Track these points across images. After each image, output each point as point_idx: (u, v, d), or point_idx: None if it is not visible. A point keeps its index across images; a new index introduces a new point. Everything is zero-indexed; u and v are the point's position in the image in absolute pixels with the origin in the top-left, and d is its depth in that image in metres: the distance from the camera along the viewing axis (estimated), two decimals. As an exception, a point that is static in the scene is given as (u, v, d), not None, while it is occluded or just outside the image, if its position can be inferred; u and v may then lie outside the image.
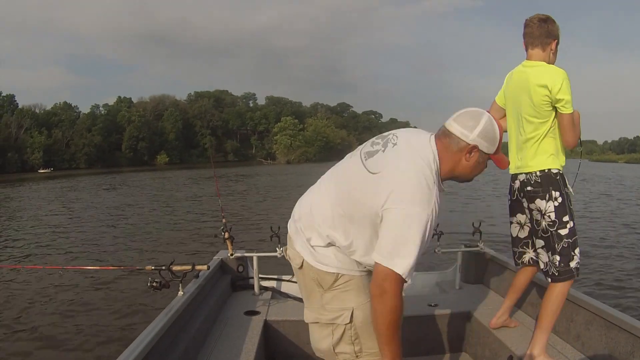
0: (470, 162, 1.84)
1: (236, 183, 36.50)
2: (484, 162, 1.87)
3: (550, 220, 2.62)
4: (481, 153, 1.82)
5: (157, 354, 2.18)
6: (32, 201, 26.13)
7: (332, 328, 1.95)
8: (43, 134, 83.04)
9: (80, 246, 12.31)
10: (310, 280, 1.95)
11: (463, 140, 1.79)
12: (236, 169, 62.28)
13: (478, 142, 1.79)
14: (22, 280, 8.84)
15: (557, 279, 2.61)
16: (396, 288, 1.72)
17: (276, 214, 15.44)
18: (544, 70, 2.60)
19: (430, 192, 1.73)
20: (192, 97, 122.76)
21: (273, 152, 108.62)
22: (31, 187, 38.66)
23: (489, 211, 16.17)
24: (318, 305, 1.97)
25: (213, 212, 17.10)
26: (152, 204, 22.33)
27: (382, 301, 1.72)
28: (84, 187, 35.63)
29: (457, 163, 1.84)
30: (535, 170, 2.66)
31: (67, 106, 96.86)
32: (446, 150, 1.82)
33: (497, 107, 2.98)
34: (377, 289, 1.73)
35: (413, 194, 1.71)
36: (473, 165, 1.86)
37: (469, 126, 1.79)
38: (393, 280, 1.70)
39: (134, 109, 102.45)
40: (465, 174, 1.89)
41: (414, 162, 1.77)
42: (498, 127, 1.83)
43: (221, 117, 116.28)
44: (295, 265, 1.99)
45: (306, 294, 2.02)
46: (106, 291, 7.86)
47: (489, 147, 1.82)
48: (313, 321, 2.01)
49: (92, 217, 17.76)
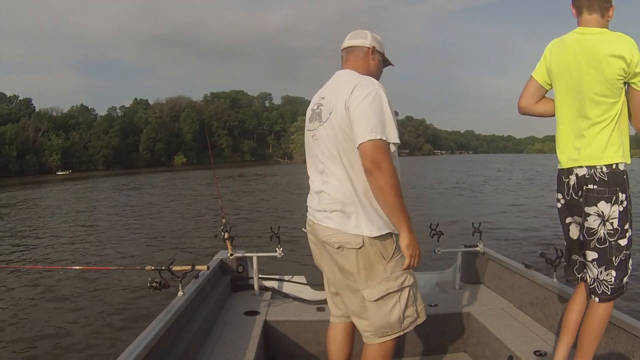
0: (375, 62, 2.30)
1: (255, 182, 36.72)
2: (382, 60, 2.35)
3: (611, 229, 2.16)
4: (378, 53, 2.31)
5: (157, 354, 2.19)
6: (48, 202, 26.11)
7: (399, 294, 2.15)
8: (61, 137, 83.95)
9: (80, 247, 12.39)
10: (374, 255, 2.09)
11: (364, 46, 2.27)
12: (255, 169, 63.25)
13: (374, 43, 2.29)
14: (22, 280, 8.89)
15: (608, 297, 2.19)
16: (388, 154, 1.97)
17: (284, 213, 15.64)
18: (616, 38, 2.12)
19: (369, 78, 2.13)
20: (208, 97, 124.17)
21: (290, 151, 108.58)
22: (51, 188, 38.78)
23: (489, 211, 15.99)
24: (382, 278, 2.12)
25: (226, 211, 16.70)
26: (164, 205, 22.28)
27: (382, 171, 1.94)
28: (101, 189, 35.89)
29: (368, 65, 2.27)
30: (602, 164, 2.16)
31: (84, 109, 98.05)
32: (356, 61, 2.28)
33: (535, 86, 2.44)
34: (371, 163, 1.94)
35: (358, 84, 2.05)
36: (378, 63, 2.32)
37: (362, 36, 2.29)
38: (383, 148, 1.96)
39: (151, 110, 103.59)
40: (375, 72, 2.30)
41: (348, 79, 2.13)
42: (536, 110, 2.32)
43: (237, 117, 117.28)
44: (356, 245, 2.08)
45: (365, 274, 2.11)
46: (106, 291, 7.85)
47: (380, 47, 2.32)
48: (382, 294, 2.12)
49: (100, 219, 17.75)
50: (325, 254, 2.26)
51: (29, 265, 10.32)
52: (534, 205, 17.14)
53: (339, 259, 2.15)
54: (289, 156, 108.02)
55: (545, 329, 2.98)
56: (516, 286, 3.44)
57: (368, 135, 1.95)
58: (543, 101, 2.43)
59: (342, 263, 2.15)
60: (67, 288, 8.11)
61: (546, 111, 2.43)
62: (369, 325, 2.19)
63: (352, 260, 2.10)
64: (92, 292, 7.81)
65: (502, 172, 45.83)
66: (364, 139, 1.95)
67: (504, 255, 3.85)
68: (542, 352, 2.66)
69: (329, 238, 2.14)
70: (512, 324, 3.08)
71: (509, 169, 53.43)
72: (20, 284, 8.58)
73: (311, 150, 2.31)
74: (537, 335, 2.90)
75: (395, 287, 2.13)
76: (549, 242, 9.75)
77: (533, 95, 2.42)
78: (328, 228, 2.15)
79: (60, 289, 8.07)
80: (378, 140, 1.95)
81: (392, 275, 2.12)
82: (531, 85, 2.44)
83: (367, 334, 2.22)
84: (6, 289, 8.24)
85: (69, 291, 7.94)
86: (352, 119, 2.01)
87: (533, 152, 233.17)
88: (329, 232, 2.15)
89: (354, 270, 2.11)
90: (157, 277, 2.74)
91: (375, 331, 2.18)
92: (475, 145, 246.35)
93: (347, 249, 2.09)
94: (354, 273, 2.12)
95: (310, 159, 2.33)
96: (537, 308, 3.10)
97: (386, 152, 1.96)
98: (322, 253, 2.29)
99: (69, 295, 7.73)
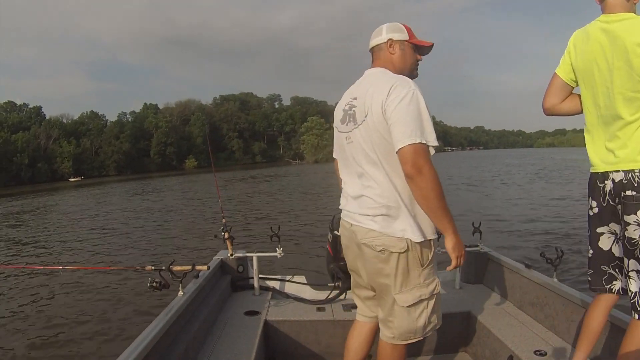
0: (397, 53, 2.19)
1: (266, 184, 36.73)
2: (409, 47, 2.21)
3: None
4: (399, 42, 2.19)
5: (157, 354, 2.20)
6: (62, 207, 26.23)
7: (428, 301, 2.15)
8: (72, 144, 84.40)
9: (80, 246, 12.62)
10: (412, 261, 2.08)
11: (381, 42, 2.20)
12: (266, 170, 63.46)
13: (390, 35, 2.19)
14: (23, 280, 9.00)
15: None
16: (429, 158, 1.93)
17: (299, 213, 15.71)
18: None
19: (403, 77, 2.06)
20: (217, 100, 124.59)
21: (300, 151, 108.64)
22: (63, 195, 39.07)
23: (490, 210, 15.68)
24: (416, 285, 2.12)
25: (238, 212, 16.84)
26: (172, 206, 22.38)
27: (424, 176, 1.89)
28: (113, 194, 36.00)
29: (391, 60, 2.19)
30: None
31: (94, 115, 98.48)
32: (380, 60, 2.21)
33: (560, 84, 2.23)
34: (413, 168, 1.88)
35: (394, 85, 1.98)
36: (402, 54, 2.20)
37: (378, 33, 2.23)
38: (423, 152, 1.91)
39: (161, 115, 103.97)
40: (403, 67, 2.19)
41: (381, 79, 2.09)
42: (562, 109, 2.19)
43: (247, 120, 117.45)
44: (400, 249, 2.05)
45: (402, 279, 2.10)
46: (106, 291, 7.89)
47: (400, 35, 2.19)
48: (416, 301, 2.11)
49: (109, 221, 17.77)
50: (361, 256, 2.23)
51: (29, 265, 10.50)
52: (535, 205, 16.71)
53: (378, 262, 2.12)
54: (300, 157, 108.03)
55: (545, 329, 2.96)
56: (516, 286, 3.41)
57: (407, 139, 1.90)
58: (569, 99, 2.24)
59: (380, 266, 2.12)
60: (67, 288, 8.19)
61: (573, 110, 2.24)
62: (393, 329, 2.19)
63: (392, 264, 2.09)
64: (92, 292, 7.88)
65: (510, 167, 45.56)
66: (403, 143, 1.90)
67: (504, 255, 3.83)
68: (542, 351, 2.64)
69: (372, 240, 2.10)
70: (512, 323, 3.07)
71: (515, 164, 53.14)
72: (20, 284, 8.70)
73: (345, 153, 2.25)
74: (537, 335, 2.88)
75: (427, 294, 2.14)
76: (549, 242, 9.66)
77: (558, 94, 2.23)
78: (371, 230, 2.10)
79: (60, 289, 8.15)
80: (418, 144, 1.90)
81: (425, 282, 2.14)
82: (555, 84, 2.24)
83: (389, 337, 2.22)
84: (6, 289, 8.33)
85: (69, 291, 8.01)
86: (390, 122, 1.96)
87: (543, 146, 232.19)
88: (372, 234, 2.11)
89: (392, 273, 2.10)
90: (157, 277, 2.73)
91: (399, 335, 2.19)
92: (485, 140, 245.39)
93: (389, 252, 2.07)
94: (391, 276, 2.11)
95: (345, 162, 2.29)
96: (537, 308, 3.09)
97: (427, 155, 1.92)
98: (358, 255, 2.27)
99: (69, 295, 7.81)
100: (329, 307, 3.51)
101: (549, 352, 2.63)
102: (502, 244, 9.73)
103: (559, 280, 3.07)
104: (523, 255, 8.07)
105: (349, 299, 3.64)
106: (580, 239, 9.62)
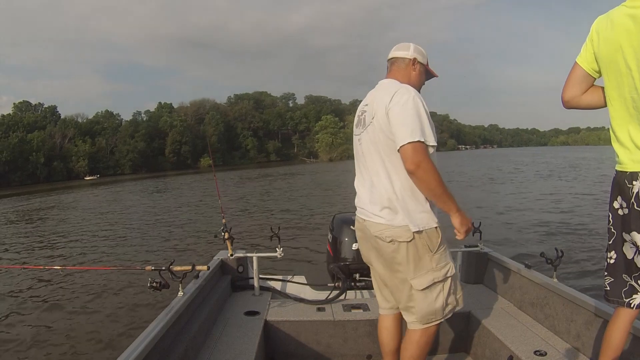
0: (417, 72, 2.48)
1: (280, 181, 37.08)
2: (424, 71, 2.53)
3: None
4: (419, 64, 2.49)
5: (157, 354, 2.21)
6: (81, 204, 26.49)
7: (443, 284, 2.35)
8: (87, 143, 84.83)
9: (80, 247, 12.68)
10: (422, 248, 2.29)
11: (406, 57, 2.47)
12: (280, 169, 63.68)
13: (416, 55, 2.47)
14: (23, 280, 9.05)
15: None
16: (427, 155, 2.16)
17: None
18: None
19: (407, 86, 2.30)
20: (232, 99, 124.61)
21: (315, 150, 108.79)
22: (82, 193, 39.50)
23: (491, 209, 15.58)
24: (429, 269, 2.32)
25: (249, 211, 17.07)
26: (182, 205, 22.49)
27: (424, 169, 2.13)
28: (129, 192, 36.18)
29: (409, 75, 2.46)
30: None
31: (109, 114, 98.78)
32: (398, 71, 2.47)
33: (581, 74, 2.03)
34: (412, 164, 2.13)
35: (397, 91, 2.24)
36: (419, 74, 2.49)
37: (405, 48, 2.49)
38: (422, 149, 2.14)
39: (175, 114, 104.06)
40: (416, 85, 2.45)
41: (389, 88, 2.31)
42: (583, 101, 2.07)
43: (262, 118, 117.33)
44: (406, 239, 2.26)
45: (414, 265, 2.31)
46: (106, 292, 7.93)
47: (423, 59, 2.50)
48: (429, 284, 2.32)
49: (123, 220, 17.92)
50: (373, 249, 2.45)
51: (29, 265, 10.60)
52: (538, 202, 16.50)
53: (390, 252, 2.33)
54: (314, 155, 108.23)
55: (545, 329, 2.95)
56: (516, 286, 3.40)
57: (408, 138, 2.13)
58: (591, 91, 2.03)
59: (393, 256, 2.33)
60: (67, 288, 8.24)
61: (596, 102, 2.03)
62: (415, 313, 2.39)
63: (402, 253, 2.29)
64: (92, 293, 7.91)
65: (519, 166, 45.15)
66: (404, 141, 2.14)
67: (504, 255, 3.82)
68: (542, 352, 2.64)
69: (382, 233, 2.32)
70: (512, 324, 3.08)
71: (526, 161, 52.42)
72: (20, 284, 8.76)
73: (357, 154, 2.52)
74: (537, 335, 2.88)
75: (440, 277, 2.34)
76: (549, 241, 9.59)
77: (579, 85, 2.02)
78: (379, 224, 2.33)
79: (61, 289, 8.20)
80: (417, 142, 2.13)
81: (437, 266, 2.33)
82: (576, 74, 2.03)
83: (412, 322, 2.43)
84: (6, 289, 8.39)
85: (69, 291, 8.06)
86: (392, 123, 2.21)
87: (557, 144, 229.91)
88: (380, 227, 2.33)
89: (404, 261, 2.31)
90: (158, 277, 2.73)
91: (421, 318, 2.38)
92: (499, 139, 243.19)
93: (398, 242, 2.29)
94: (404, 264, 2.31)
95: (357, 162, 2.54)
96: (537, 308, 3.10)
97: (425, 152, 2.15)
98: (371, 249, 2.48)
99: (69, 295, 7.86)
100: (329, 307, 3.53)
101: (549, 352, 2.65)
102: (503, 243, 9.77)
103: (559, 280, 3.07)
104: (523, 254, 8.10)
105: (349, 299, 3.71)
106: (580, 239, 9.58)
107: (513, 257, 3.72)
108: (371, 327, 3.27)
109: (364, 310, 3.45)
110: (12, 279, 9.23)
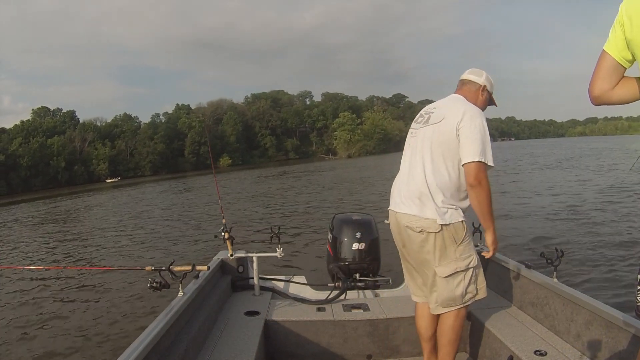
0: (483, 98, 2.76)
1: (299, 179, 36.61)
2: (489, 98, 2.80)
3: None
4: (487, 92, 2.77)
5: (157, 354, 2.22)
6: (103, 207, 26.93)
7: (465, 273, 2.57)
8: (107, 146, 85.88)
9: (80, 247, 12.85)
10: (448, 239, 2.51)
11: (478, 83, 2.75)
12: (299, 166, 63.61)
13: (486, 83, 2.76)
14: (23, 280, 9.14)
15: None
16: (486, 174, 2.45)
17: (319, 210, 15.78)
18: None
19: (478, 109, 2.61)
20: (249, 99, 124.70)
21: (333, 147, 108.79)
22: (102, 195, 40.00)
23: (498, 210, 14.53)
24: (452, 259, 2.55)
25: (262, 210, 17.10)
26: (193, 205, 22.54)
27: (482, 187, 2.44)
28: (148, 193, 36.38)
29: (477, 99, 2.73)
30: None
31: (128, 117, 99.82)
32: (468, 92, 2.74)
33: (611, 65, 1.59)
34: (475, 179, 2.42)
35: (467, 110, 2.53)
36: (485, 100, 2.77)
37: (478, 74, 2.77)
38: (484, 168, 2.44)
39: (193, 115, 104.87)
40: (482, 107, 2.74)
41: (459, 102, 2.63)
42: (614, 96, 1.80)
43: (279, 117, 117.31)
44: (435, 229, 2.49)
45: (440, 254, 2.53)
46: (106, 292, 7.95)
47: (490, 88, 2.79)
48: (452, 272, 2.55)
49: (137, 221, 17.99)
50: (406, 239, 2.64)
51: (30, 265, 10.68)
52: (537, 200, 15.91)
53: (419, 242, 2.55)
54: (333, 152, 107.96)
55: (545, 329, 2.93)
56: (516, 286, 3.37)
57: (474, 157, 2.42)
58: (622, 83, 1.59)
59: (422, 244, 2.55)
60: (67, 288, 8.32)
61: (630, 96, 1.61)
62: (437, 297, 2.61)
63: (430, 242, 2.52)
64: (92, 293, 7.97)
65: (528, 159, 44.14)
66: (470, 159, 2.43)
67: (504, 255, 3.76)
68: (543, 352, 2.64)
69: (412, 223, 2.55)
70: (512, 323, 3.07)
71: (537, 153, 51.16)
72: (20, 284, 8.86)
73: (408, 145, 2.76)
74: (537, 335, 2.86)
75: (463, 267, 2.57)
76: (550, 241, 9.40)
77: (609, 77, 1.59)
78: (411, 215, 2.56)
79: (61, 289, 8.26)
80: (481, 162, 2.42)
81: (461, 257, 2.56)
82: (605, 64, 1.60)
83: (434, 305, 2.65)
84: (7, 289, 8.52)
85: (70, 291, 8.13)
86: (461, 140, 2.47)
87: (575, 135, 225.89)
88: (412, 218, 2.56)
89: (431, 249, 2.53)
90: (158, 277, 2.73)
91: (441, 302, 2.61)
92: (517, 131, 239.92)
93: (427, 232, 2.51)
94: (431, 253, 2.53)
95: (405, 154, 2.77)
96: (537, 308, 3.09)
97: (485, 172, 2.46)
98: (404, 239, 2.67)
99: (69, 295, 7.92)
100: (329, 307, 3.51)
101: (549, 352, 2.64)
102: (503, 243, 9.12)
103: (559, 280, 3.03)
104: (523, 255, 8.02)
105: (349, 299, 3.70)
106: (580, 239, 9.43)
107: (513, 257, 3.67)
108: (371, 327, 3.29)
109: (364, 310, 3.45)
110: (12, 279, 9.31)
